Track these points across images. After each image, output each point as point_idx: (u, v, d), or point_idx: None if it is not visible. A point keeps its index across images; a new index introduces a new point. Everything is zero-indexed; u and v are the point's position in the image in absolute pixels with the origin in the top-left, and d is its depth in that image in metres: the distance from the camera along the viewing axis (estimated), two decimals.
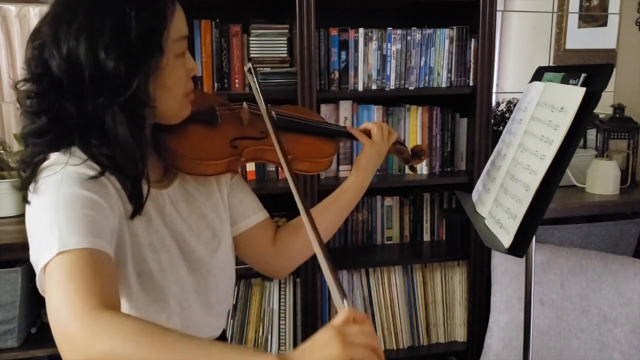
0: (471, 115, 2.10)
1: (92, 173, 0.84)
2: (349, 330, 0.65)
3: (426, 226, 2.25)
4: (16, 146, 1.96)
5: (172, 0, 0.91)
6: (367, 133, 1.22)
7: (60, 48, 0.84)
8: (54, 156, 0.86)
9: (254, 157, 1.09)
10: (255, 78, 1.07)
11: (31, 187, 0.85)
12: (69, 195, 0.80)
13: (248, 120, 1.09)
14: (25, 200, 0.85)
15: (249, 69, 1.11)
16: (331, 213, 1.17)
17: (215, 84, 1.93)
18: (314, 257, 1.94)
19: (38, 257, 0.77)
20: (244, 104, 1.11)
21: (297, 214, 0.93)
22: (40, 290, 0.80)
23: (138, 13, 0.85)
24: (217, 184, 1.08)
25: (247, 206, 1.13)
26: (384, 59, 2.02)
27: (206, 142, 1.02)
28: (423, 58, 2.05)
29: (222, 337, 1.12)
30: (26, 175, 0.86)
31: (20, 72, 0.90)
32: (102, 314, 0.69)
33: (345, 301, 0.71)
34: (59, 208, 0.79)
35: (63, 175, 0.83)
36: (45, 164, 0.85)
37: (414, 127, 2.12)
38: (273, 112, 1.09)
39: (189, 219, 1.01)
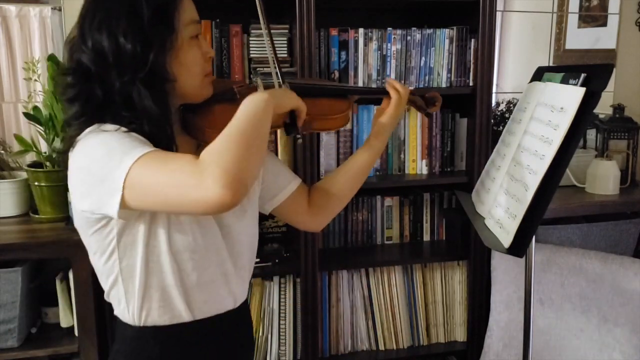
0: (471, 115, 2.10)
1: (126, 130, 0.96)
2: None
3: (426, 226, 2.25)
4: (16, 146, 1.96)
5: None
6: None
7: (87, 42, 0.98)
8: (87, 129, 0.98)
9: (274, 125, 1.17)
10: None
11: (70, 149, 0.97)
12: (113, 134, 0.93)
13: None
14: (66, 167, 0.98)
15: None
16: (350, 177, 1.30)
17: None
18: (311, 258, 1.94)
19: (110, 183, 0.88)
20: (258, 79, 1.24)
21: None
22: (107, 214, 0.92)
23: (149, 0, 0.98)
24: None
25: (282, 178, 1.28)
26: (384, 59, 2.02)
27: (230, 117, 1.09)
28: (423, 58, 2.05)
29: (245, 304, 1.21)
30: (64, 147, 1.01)
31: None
32: (201, 157, 0.85)
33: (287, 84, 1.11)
34: (110, 142, 0.91)
35: (101, 131, 0.95)
36: (80, 136, 0.97)
37: (414, 127, 2.12)
38: (287, 83, 1.20)
39: None
